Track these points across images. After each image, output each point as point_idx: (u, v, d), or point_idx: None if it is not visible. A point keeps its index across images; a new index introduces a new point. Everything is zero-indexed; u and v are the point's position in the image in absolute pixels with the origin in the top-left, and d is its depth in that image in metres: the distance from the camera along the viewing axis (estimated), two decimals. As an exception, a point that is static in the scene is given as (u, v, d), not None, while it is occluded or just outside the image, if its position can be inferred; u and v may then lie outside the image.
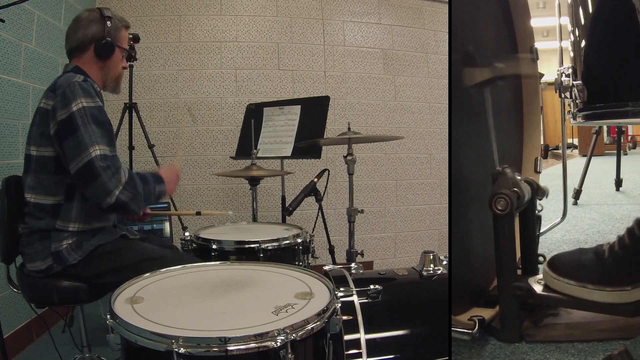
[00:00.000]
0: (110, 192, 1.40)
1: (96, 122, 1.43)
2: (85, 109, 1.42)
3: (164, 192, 1.58)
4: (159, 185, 1.56)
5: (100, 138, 1.42)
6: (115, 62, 1.63)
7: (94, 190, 1.41)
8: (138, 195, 1.45)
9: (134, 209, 1.47)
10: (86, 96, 1.43)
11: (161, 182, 1.57)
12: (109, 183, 1.39)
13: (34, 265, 1.49)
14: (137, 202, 1.46)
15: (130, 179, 1.45)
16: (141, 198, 1.47)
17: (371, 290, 1.35)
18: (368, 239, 3.78)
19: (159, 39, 3.41)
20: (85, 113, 1.41)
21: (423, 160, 3.93)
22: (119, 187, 1.41)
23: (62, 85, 1.44)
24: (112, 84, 1.67)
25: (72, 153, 1.40)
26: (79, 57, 1.58)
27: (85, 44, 1.56)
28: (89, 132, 1.40)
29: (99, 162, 1.39)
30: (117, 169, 1.42)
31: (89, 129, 1.40)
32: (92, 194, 1.43)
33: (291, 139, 2.66)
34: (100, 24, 1.56)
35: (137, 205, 1.47)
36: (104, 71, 1.61)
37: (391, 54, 3.82)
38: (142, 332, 0.86)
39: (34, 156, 1.49)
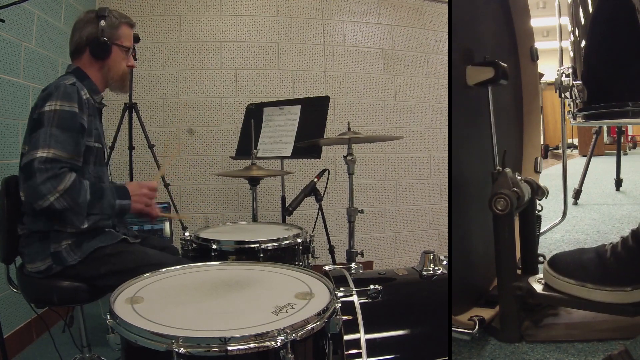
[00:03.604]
0: (42, 195, 1.35)
1: (60, 127, 1.40)
2: (56, 112, 1.41)
3: (127, 208, 1.52)
4: (121, 201, 1.51)
5: (56, 142, 1.39)
6: (115, 60, 1.62)
7: (27, 190, 1.37)
8: (77, 207, 1.40)
9: (72, 219, 1.42)
10: (63, 99, 1.42)
11: (125, 198, 1.52)
12: (42, 186, 1.35)
13: (33, 266, 1.49)
14: (75, 214, 1.41)
15: (72, 189, 1.39)
16: (81, 211, 1.42)
17: (371, 290, 1.35)
18: (368, 239, 3.78)
19: (159, 39, 3.41)
20: (54, 115, 1.40)
21: (423, 160, 3.93)
22: (54, 193, 1.35)
23: (52, 85, 1.45)
24: (116, 83, 1.66)
25: (28, 149, 1.39)
26: (79, 59, 1.59)
27: (82, 45, 1.57)
28: (48, 134, 1.38)
29: (39, 164, 1.35)
30: (56, 175, 1.37)
31: (48, 131, 1.39)
32: (25, 193, 1.39)
33: (291, 139, 2.66)
34: (94, 25, 1.56)
35: (74, 216, 1.42)
36: (104, 71, 1.61)
37: (391, 54, 3.82)
38: (142, 332, 0.86)
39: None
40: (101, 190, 1.48)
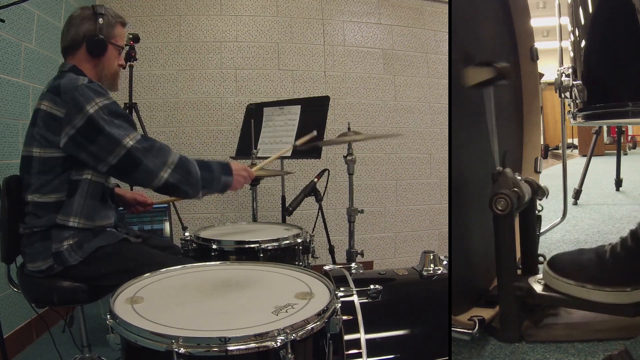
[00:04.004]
0: (155, 174, 1.40)
1: (117, 116, 1.43)
2: (102, 109, 1.41)
3: (229, 184, 1.55)
4: (225, 177, 1.54)
5: (127, 128, 1.43)
6: (109, 59, 1.62)
7: (139, 177, 1.42)
8: (191, 178, 1.45)
9: (186, 191, 1.46)
10: (99, 96, 1.43)
11: (229, 174, 1.55)
12: (152, 165, 1.40)
13: (34, 266, 1.49)
14: (191, 185, 1.46)
15: (182, 161, 1.44)
16: (196, 182, 1.46)
17: (371, 290, 1.35)
18: (368, 239, 3.78)
19: (159, 39, 3.41)
20: (104, 112, 1.41)
21: (423, 160, 3.93)
22: (164, 168, 1.41)
23: (69, 89, 1.42)
24: (108, 81, 1.66)
25: (105, 151, 1.40)
26: (73, 55, 1.58)
27: (78, 41, 1.56)
28: (115, 126, 1.41)
29: (138, 148, 1.40)
30: (159, 149, 1.42)
31: (113, 125, 1.41)
32: (138, 181, 1.44)
33: (291, 139, 2.66)
34: (92, 22, 1.55)
35: (191, 188, 1.46)
36: (98, 68, 1.61)
37: (391, 54, 3.82)
38: (142, 332, 0.86)
39: (38, 157, 1.47)
40: (208, 165, 1.51)
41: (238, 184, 1.59)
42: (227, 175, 1.54)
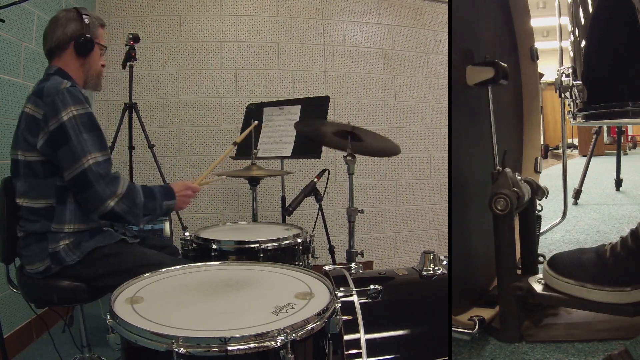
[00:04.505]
0: (103, 201, 1.43)
1: (87, 130, 1.44)
2: (76, 118, 1.43)
3: (172, 207, 1.62)
4: (168, 201, 1.59)
5: (93, 146, 1.44)
6: (95, 59, 1.65)
7: (88, 199, 1.45)
8: (135, 208, 1.48)
9: (130, 220, 1.50)
10: (76, 104, 1.44)
11: (171, 198, 1.60)
12: (103, 192, 1.42)
13: (32, 267, 1.49)
14: (135, 216, 1.49)
15: (129, 192, 1.47)
16: (139, 212, 1.50)
17: (371, 290, 1.35)
18: (368, 239, 3.78)
19: (159, 39, 3.41)
20: (77, 122, 1.43)
21: (423, 160, 3.93)
22: (113, 198, 1.44)
23: (50, 92, 1.44)
24: (94, 80, 1.67)
25: (67, 162, 1.42)
26: (59, 57, 1.58)
27: (65, 42, 1.57)
28: (81, 141, 1.42)
29: (93, 171, 1.41)
30: (112, 179, 1.45)
31: (80, 138, 1.42)
32: (86, 202, 1.46)
33: (291, 139, 2.66)
34: (78, 22, 1.57)
35: (134, 218, 1.50)
36: (85, 68, 1.62)
37: (391, 54, 3.82)
38: (142, 332, 0.86)
39: (22, 161, 1.49)
40: (152, 192, 1.55)
41: (183, 203, 1.65)
42: (169, 199, 1.59)
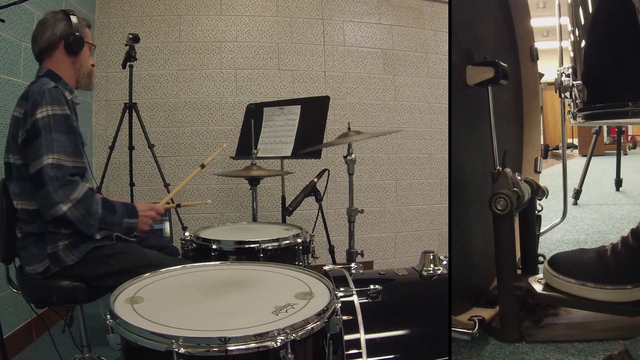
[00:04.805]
0: (55, 204, 1.38)
1: (59, 130, 1.42)
2: (50, 117, 1.42)
3: (134, 227, 1.57)
4: (130, 219, 1.55)
5: (59, 147, 1.41)
6: (85, 57, 1.65)
7: (39, 199, 1.41)
8: (89, 218, 1.44)
9: (82, 229, 1.45)
10: (54, 103, 1.44)
11: (133, 217, 1.56)
12: (54, 195, 1.38)
13: (32, 268, 1.49)
14: (88, 226, 1.45)
15: (85, 199, 1.42)
16: (94, 222, 1.45)
17: (371, 290, 1.35)
18: (368, 239, 3.78)
19: (159, 39, 3.41)
20: (49, 120, 1.42)
21: (423, 160, 3.93)
22: (66, 202, 1.39)
23: (34, 93, 1.45)
24: (86, 78, 1.68)
25: (30, 158, 1.41)
26: (50, 58, 1.59)
27: (55, 42, 1.57)
28: (49, 140, 1.40)
29: (48, 172, 1.38)
30: (68, 182, 1.40)
31: (49, 137, 1.40)
32: (38, 202, 1.43)
33: (291, 139, 2.66)
34: (66, 22, 1.58)
35: (87, 228, 1.45)
36: (76, 66, 1.63)
37: (391, 54, 3.82)
38: (142, 332, 0.86)
39: (13, 164, 1.49)
40: (112, 206, 1.51)
41: (144, 225, 1.60)
42: (131, 217, 1.56)
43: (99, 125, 3.36)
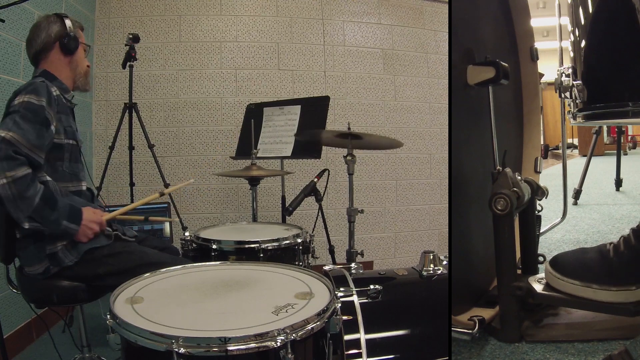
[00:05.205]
0: None
1: (24, 117, 1.39)
2: (23, 103, 1.42)
3: (73, 232, 1.46)
4: (69, 223, 1.44)
5: (19, 130, 1.36)
6: (80, 57, 1.67)
7: None
8: (21, 202, 1.34)
9: (10, 211, 1.35)
10: (32, 93, 1.44)
11: (75, 222, 1.46)
12: None
13: (31, 269, 1.49)
14: (16, 209, 1.34)
15: (22, 180, 1.33)
16: (24, 208, 1.35)
17: (371, 290, 1.35)
18: (368, 239, 3.78)
19: (159, 39, 3.41)
20: (21, 106, 1.41)
21: (423, 160, 3.93)
22: (1, 177, 1.30)
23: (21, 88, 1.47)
24: (83, 78, 1.69)
25: None
26: (46, 59, 1.60)
27: (50, 43, 1.58)
28: (12, 120, 1.38)
29: None
30: (9, 157, 1.32)
31: (13, 118, 1.38)
32: None
33: (291, 139, 2.66)
34: (60, 24, 1.60)
35: (14, 211, 1.35)
36: (72, 66, 1.64)
37: (391, 54, 3.82)
38: (142, 332, 0.86)
39: None
40: (55, 203, 1.41)
41: (83, 235, 1.49)
42: (72, 222, 1.45)
43: (99, 125, 3.36)
